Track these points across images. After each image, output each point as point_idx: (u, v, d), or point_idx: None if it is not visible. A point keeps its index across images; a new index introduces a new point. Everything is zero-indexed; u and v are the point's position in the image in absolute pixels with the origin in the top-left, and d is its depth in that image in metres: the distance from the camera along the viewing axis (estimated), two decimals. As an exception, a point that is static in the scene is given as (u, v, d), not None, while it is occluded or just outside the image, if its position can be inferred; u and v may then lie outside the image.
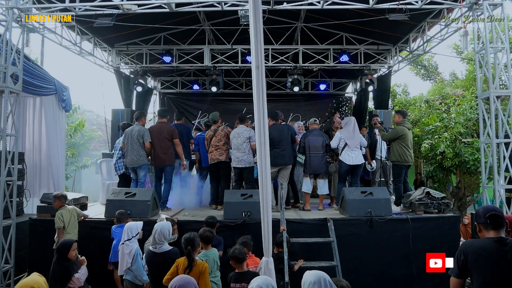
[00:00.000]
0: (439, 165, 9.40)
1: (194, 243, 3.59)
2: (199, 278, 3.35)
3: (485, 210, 2.30)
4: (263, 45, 2.77)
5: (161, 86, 12.04)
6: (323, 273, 2.20)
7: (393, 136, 6.07)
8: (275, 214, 4.75)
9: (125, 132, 6.19)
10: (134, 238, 4.11)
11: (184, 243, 3.58)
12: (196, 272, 3.37)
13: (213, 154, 6.28)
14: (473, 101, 9.08)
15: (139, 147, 5.98)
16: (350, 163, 5.96)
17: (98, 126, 16.77)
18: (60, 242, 3.75)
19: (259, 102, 2.87)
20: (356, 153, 6.02)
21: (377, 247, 5.19)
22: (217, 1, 5.63)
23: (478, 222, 2.32)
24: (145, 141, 6.00)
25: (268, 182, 3.21)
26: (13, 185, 5.54)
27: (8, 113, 5.47)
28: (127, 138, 6.07)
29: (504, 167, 5.10)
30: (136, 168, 6.09)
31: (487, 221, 2.25)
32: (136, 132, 6.02)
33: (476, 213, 2.42)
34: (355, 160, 5.99)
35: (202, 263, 3.51)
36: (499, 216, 2.24)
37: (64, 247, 3.62)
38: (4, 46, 5.37)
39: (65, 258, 3.58)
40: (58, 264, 3.58)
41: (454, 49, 13.17)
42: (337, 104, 12.22)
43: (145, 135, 6.01)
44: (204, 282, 3.39)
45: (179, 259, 3.54)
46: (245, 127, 6.22)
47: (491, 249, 2.18)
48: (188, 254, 3.45)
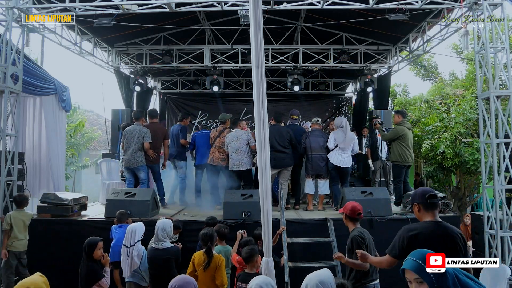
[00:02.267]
0: (439, 165, 9.40)
1: (213, 239, 3.68)
2: (215, 271, 3.46)
3: (424, 191, 2.52)
4: (263, 45, 2.76)
5: (161, 86, 12.05)
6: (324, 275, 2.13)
7: (393, 136, 6.06)
8: (275, 214, 4.75)
9: (125, 131, 6.17)
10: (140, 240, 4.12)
11: (203, 239, 3.63)
12: (213, 266, 3.46)
13: (215, 156, 6.28)
14: (473, 101, 9.08)
15: (140, 147, 5.98)
16: (335, 163, 5.89)
17: (98, 126, 16.73)
18: (87, 240, 3.65)
19: (259, 102, 2.87)
20: (345, 156, 5.94)
21: (377, 247, 5.16)
22: (217, 1, 5.64)
23: (418, 202, 2.51)
24: (145, 141, 5.99)
25: (268, 182, 3.21)
26: (13, 185, 5.54)
27: (8, 113, 5.48)
28: (127, 138, 6.05)
29: (504, 167, 5.10)
30: (133, 169, 6.06)
31: (427, 201, 2.46)
32: (137, 133, 6.01)
33: (415, 193, 2.61)
34: (342, 162, 5.89)
35: (219, 256, 3.59)
36: (436, 197, 2.49)
37: (89, 246, 3.57)
38: (4, 46, 5.38)
39: (91, 258, 3.54)
40: (84, 263, 3.53)
41: (454, 49, 13.16)
42: (337, 104, 12.23)
43: (146, 136, 6.01)
44: (220, 275, 3.47)
45: (196, 253, 3.59)
46: (240, 130, 6.21)
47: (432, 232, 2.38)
48: (208, 250, 3.49)
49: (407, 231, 2.45)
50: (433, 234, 2.37)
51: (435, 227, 2.40)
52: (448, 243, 2.33)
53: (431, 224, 2.42)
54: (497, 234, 4.95)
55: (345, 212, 3.46)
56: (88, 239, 3.67)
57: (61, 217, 5.40)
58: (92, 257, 3.54)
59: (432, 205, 2.46)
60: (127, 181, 6.29)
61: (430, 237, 2.34)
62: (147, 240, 4.27)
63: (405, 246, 2.39)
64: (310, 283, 2.09)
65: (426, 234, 2.37)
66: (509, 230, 5.01)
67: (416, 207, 2.53)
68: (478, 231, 5.83)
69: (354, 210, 3.41)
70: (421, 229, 2.42)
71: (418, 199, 2.51)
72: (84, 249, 3.58)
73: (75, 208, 5.62)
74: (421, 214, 2.50)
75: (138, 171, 6.07)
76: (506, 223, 5.01)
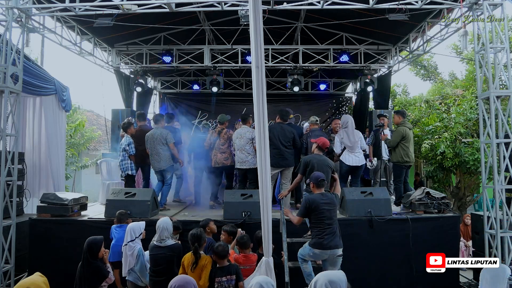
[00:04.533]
0: (439, 165, 9.40)
1: (200, 239, 3.67)
2: (202, 271, 3.50)
3: (318, 176, 4.06)
4: (263, 45, 2.77)
5: (161, 86, 12.04)
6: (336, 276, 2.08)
7: (397, 140, 6.06)
8: (275, 214, 4.75)
9: (146, 137, 6.29)
10: (137, 238, 4.12)
11: (191, 240, 3.64)
12: (200, 266, 3.52)
13: (218, 157, 6.28)
14: (473, 101, 9.08)
15: (163, 150, 6.14)
16: (350, 164, 5.96)
17: (98, 126, 16.73)
18: (89, 240, 3.64)
19: (259, 102, 2.88)
20: (357, 154, 6.01)
21: (377, 247, 5.19)
22: (217, 1, 5.63)
23: (314, 182, 4.04)
24: (168, 142, 6.16)
25: (268, 182, 3.22)
26: (13, 185, 5.53)
27: (8, 113, 5.47)
28: (149, 143, 6.21)
29: (504, 167, 5.09)
30: (162, 171, 6.24)
31: (318, 183, 4.02)
32: (158, 135, 6.15)
33: (312, 176, 4.13)
34: (355, 161, 5.97)
35: (206, 257, 3.63)
36: (324, 180, 4.08)
37: (96, 245, 3.58)
38: (4, 46, 5.37)
39: (96, 257, 3.54)
40: (88, 264, 3.50)
41: (453, 49, 13.17)
42: (337, 104, 12.22)
43: (168, 137, 6.17)
44: (205, 275, 3.51)
45: (185, 255, 3.61)
46: (248, 127, 6.17)
47: (320, 199, 3.93)
48: (195, 251, 3.50)
49: (308, 199, 3.96)
50: (319, 198, 3.94)
51: (321, 195, 3.98)
52: (328, 201, 3.95)
53: (320, 194, 3.99)
54: (497, 234, 4.95)
55: (318, 142, 4.81)
56: (91, 239, 3.66)
57: (61, 217, 5.40)
58: (97, 256, 3.55)
59: (321, 185, 4.02)
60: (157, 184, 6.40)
61: (318, 200, 3.92)
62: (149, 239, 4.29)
63: (307, 207, 3.92)
64: (319, 281, 2.04)
65: (316, 199, 3.93)
66: (509, 230, 5.00)
67: (312, 185, 4.07)
68: (478, 231, 5.83)
69: (325, 144, 4.82)
70: (315, 197, 3.97)
71: (313, 180, 4.05)
72: (88, 248, 3.56)
73: (75, 208, 5.63)
74: (315, 189, 4.05)
75: (166, 172, 6.25)
76: (506, 223, 5.01)
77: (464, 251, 7.21)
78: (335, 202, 4.01)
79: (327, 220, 3.85)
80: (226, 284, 3.51)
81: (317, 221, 3.87)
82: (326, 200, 3.91)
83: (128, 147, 6.21)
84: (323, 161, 4.66)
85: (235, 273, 3.56)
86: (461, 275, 5.75)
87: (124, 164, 6.27)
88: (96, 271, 3.51)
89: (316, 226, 3.89)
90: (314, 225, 3.93)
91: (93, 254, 3.53)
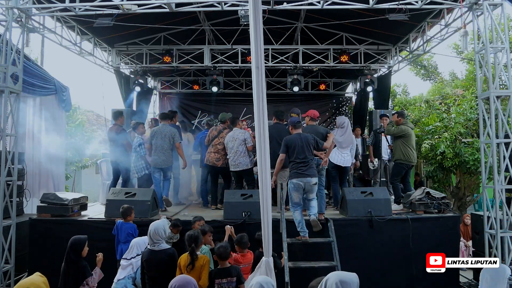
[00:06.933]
0: (439, 165, 9.39)
1: (197, 240, 3.65)
2: (201, 272, 3.50)
3: (295, 120, 5.07)
4: (263, 45, 2.77)
5: (161, 86, 12.04)
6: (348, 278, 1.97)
7: (398, 132, 6.08)
8: (275, 214, 4.75)
9: (152, 131, 6.23)
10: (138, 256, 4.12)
11: (188, 240, 3.62)
12: (198, 266, 3.50)
13: (211, 156, 6.26)
14: (473, 101, 9.08)
15: (169, 147, 6.09)
16: (335, 162, 5.87)
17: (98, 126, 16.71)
18: (72, 239, 3.63)
19: (259, 102, 2.88)
20: (345, 155, 5.93)
21: (377, 247, 5.19)
22: (217, 1, 5.63)
23: (292, 125, 5.03)
24: (176, 141, 6.11)
25: (268, 182, 3.21)
26: (13, 185, 5.53)
27: (8, 113, 5.47)
28: (156, 138, 6.10)
29: (504, 167, 5.09)
30: (164, 169, 6.18)
31: (295, 125, 4.97)
32: (168, 132, 6.10)
33: (290, 120, 5.12)
34: (340, 160, 5.88)
35: (203, 257, 3.61)
36: (300, 122, 5.09)
37: (80, 243, 3.57)
38: (4, 46, 5.37)
39: (79, 256, 3.53)
40: (71, 263, 3.49)
41: (454, 49, 13.16)
42: (337, 104, 12.22)
43: (175, 136, 6.14)
44: (204, 275, 3.50)
45: (181, 256, 3.59)
46: (239, 129, 6.20)
47: (296, 139, 4.79)
48: (191, 252, 3.48)
49: (286, 139, 4.86)
50: (297, 138, 4.82)
51: (298, 135, 4.86)
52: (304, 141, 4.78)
53: (297, 134, 4.87)
54: (497, 234, 4.95)
55: (309, 115, 5.62)
56: (75, 238, 3.65)
57: (61, 217, 5.40)
58: (81, 255, 3.54)
59: (297, 126, 4.96)
60: (155, 181, 6.21)
61: (295, 139, 4.80)
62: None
63: (286, 144, 4.81)
64: (330, 279, 1.98)
65: (293, 139, 4.82)
66: (509, 230, 5.00)
67: (290, 127, 5.04)
68: (478, 231, 5.83)
69: (315, 114, 5.69)
70: (292, 137, 4.88)
71: (292, 124, 5.02)
72: (72, 247, 3.56)
73: (75, 208, 5.63)
74: (293, 130, 4.99)
75: (167, 171, 6.20)
76: (506, 223, 5.01)
77: (464, 251, 7.21)
78: (310, 142, 4.78)
79: (301, 155, 4.70)
80: (226, 286, 3.48)
81: (294, 156, 4.73)
82: (302, 138, 4.78)
83: (139, 148, 6.20)
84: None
85: (236, 275, 3.53)
86: (461, 275, 5.75)
87: (138, 165, 6.29)
88: (80, 270, 3.49)
89: (293, 161, 4.77)
90: (291, 159, 4.79)
91: (77, 253, 3.53)
